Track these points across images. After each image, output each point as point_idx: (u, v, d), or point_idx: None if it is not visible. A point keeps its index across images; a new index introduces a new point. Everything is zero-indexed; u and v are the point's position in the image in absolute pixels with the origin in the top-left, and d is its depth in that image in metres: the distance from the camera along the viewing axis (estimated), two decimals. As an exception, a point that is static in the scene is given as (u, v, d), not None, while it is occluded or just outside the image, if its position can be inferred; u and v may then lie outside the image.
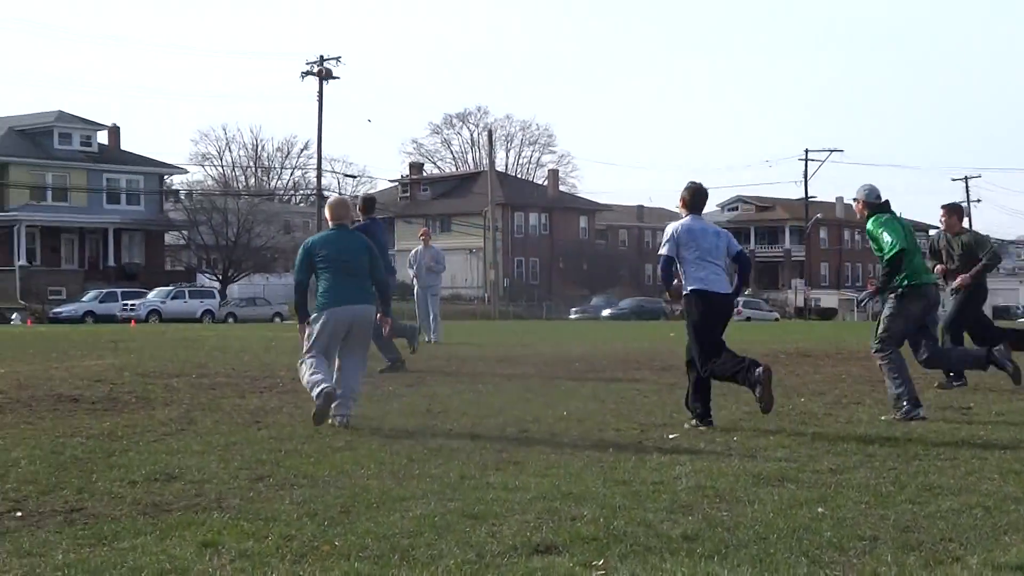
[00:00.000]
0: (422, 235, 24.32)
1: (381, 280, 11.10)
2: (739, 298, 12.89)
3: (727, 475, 7.71)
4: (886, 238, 11.09)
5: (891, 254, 11.00)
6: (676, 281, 10.83)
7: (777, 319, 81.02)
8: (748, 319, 75.60)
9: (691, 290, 10.69)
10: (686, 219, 10.86)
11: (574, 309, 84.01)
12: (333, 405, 10.17)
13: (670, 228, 10.87)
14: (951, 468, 8.05)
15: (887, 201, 11.48)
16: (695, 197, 10.88)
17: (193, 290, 66.51)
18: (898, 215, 11.70)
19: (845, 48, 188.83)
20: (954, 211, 15.10)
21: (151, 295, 64.70)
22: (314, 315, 10.65)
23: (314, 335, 10.62)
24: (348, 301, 10.61)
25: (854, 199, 11.74)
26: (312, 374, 10.34)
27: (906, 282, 11.26)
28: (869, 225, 11.35)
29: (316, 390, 10.10)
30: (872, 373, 16.29)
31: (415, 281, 23.69)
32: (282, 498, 6.92)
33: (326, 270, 10.67)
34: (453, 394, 12.95)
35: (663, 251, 10.78)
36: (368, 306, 10.79)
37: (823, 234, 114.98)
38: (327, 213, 11.18)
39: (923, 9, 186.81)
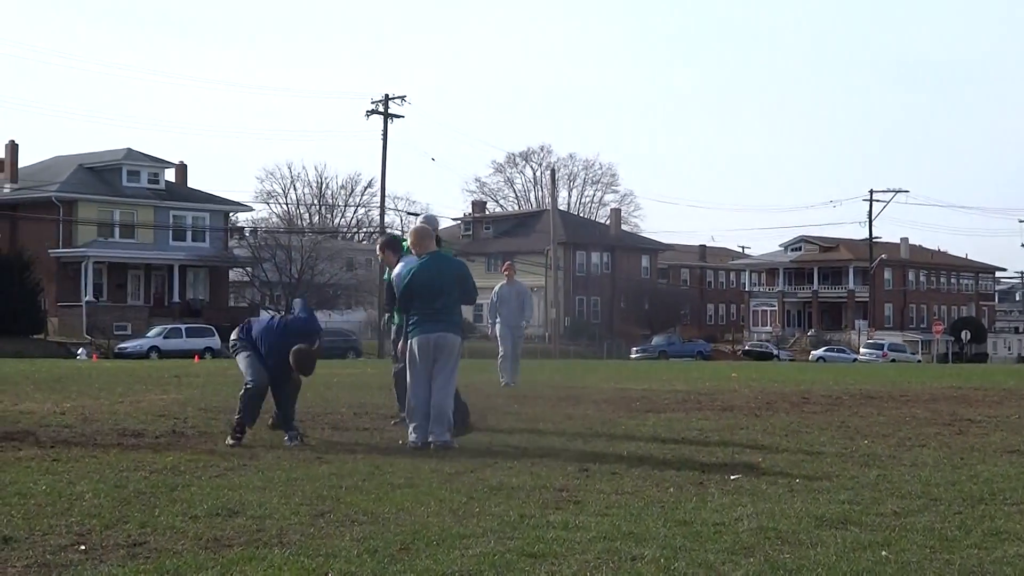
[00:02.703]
0: (506, 270, 22.43)
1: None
2: (884, 342, 15.01)
3: (789, 517, 7.64)
4: None
5: None
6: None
7: (919, 361, 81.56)
8: (893, 360, 75.94)
9: None
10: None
11: (635, 348, 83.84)
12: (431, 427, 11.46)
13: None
14: (1018, 513, 7.93)
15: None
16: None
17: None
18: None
19: (911, 88, 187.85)
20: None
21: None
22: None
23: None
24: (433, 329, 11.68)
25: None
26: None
27: None
28: None
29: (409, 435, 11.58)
30: (937, 416, 16.12)
31: (498, 319, 21.84)
32: (342, 535, 6.93)
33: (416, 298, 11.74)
34: (513, 432, 12.93)
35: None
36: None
37: (887, 275, 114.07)
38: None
39: (989, 50, 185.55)
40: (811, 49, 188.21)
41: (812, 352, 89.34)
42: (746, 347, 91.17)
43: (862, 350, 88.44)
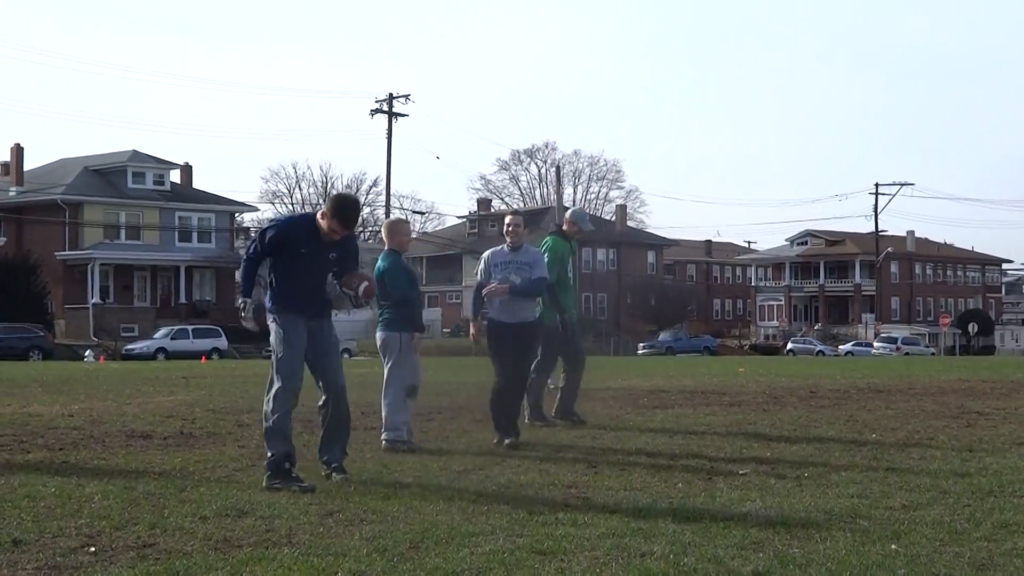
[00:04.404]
0: None
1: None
2: (899, 336, 14.87)
3: (798, 511, 7.64)
4: None
5: None
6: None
7: (933, 354, 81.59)
8: (907, 354, 76.00)
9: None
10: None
11: (642, 344, 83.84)
12: None
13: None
14: (1027, 505, 7.92)
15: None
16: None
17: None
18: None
19: (915, 81, 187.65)
20: None
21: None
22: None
23: None
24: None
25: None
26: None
27: None
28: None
29: None
30: (946, 409, 16.11)
31: None
32: (351, 534, 6.94)
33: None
34: (521, 429, 12.91)
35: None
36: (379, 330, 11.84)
37: (894, 268, 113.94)
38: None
39: (995, 41, 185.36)
40: (816, 43, 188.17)
41: (840, 347, 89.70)
42: (789, 345, 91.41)
43: (876, 344, 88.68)
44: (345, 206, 9.13)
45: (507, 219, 12.28)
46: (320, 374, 9.34)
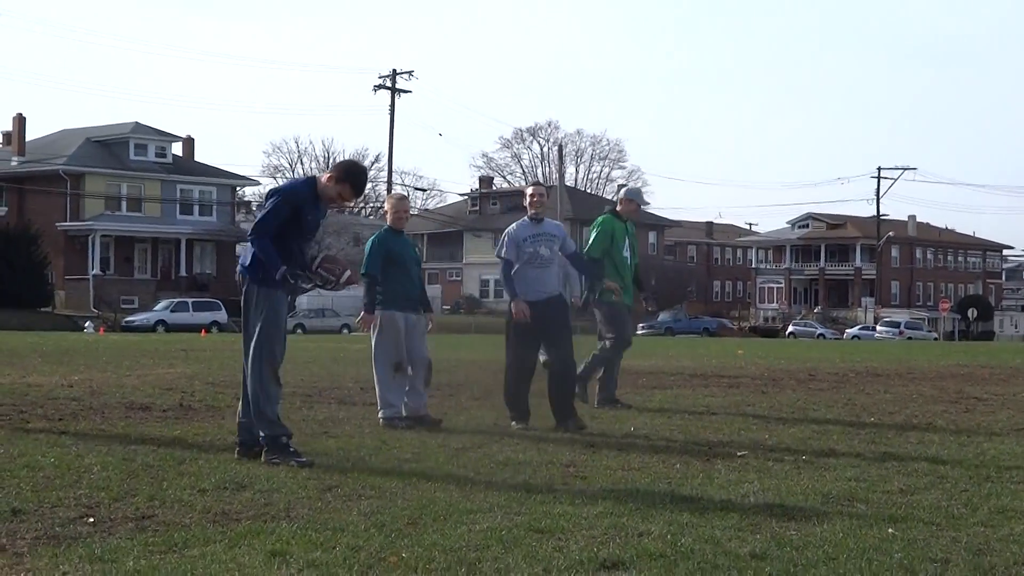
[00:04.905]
0: None
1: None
2: (901, 321, 14.86)
3: (796, 494, 7.65)
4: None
5: None
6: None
7: (936, 339, 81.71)
8: (909, 339, 76.16)
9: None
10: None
11: (641, 324, 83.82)
12: None
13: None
14: (1025, 491, 7.93)
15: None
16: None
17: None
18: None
19: (919, 64, 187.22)
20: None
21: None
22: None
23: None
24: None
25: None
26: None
27: None
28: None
29: None
30: (944, 394, 16.12)
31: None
32: (350, 509, 6.94)
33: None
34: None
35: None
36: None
37: (894, 252, 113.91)
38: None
39: (997, 26, 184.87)
40: (819, 25, 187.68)
41: (847, 331, 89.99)
42: (790, 328, 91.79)
43: (879, 328, 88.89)
44: (359, 173, 9.27)
45: (530, 190, 11.92)
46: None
